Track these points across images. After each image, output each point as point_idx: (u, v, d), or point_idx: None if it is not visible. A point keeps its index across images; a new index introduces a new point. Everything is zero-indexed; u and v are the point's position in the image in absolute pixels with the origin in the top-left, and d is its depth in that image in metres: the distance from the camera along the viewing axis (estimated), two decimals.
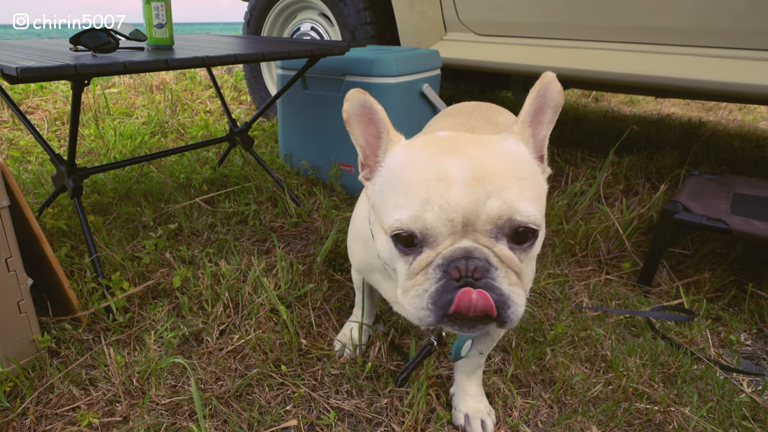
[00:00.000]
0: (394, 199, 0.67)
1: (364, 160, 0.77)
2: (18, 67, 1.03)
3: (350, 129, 0.75)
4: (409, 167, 0.68)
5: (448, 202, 0.62)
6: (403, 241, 0.66)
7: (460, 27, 2.46)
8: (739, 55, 1.77)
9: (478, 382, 1.07)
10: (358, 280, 1.17)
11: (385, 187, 0.71)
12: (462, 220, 0.63)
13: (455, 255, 0.63)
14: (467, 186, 0.62)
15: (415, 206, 0.64)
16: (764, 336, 1.38)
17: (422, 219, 0.63)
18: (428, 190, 0.64)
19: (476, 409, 1.04)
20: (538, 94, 0.71)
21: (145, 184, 2.09)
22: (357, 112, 0.74)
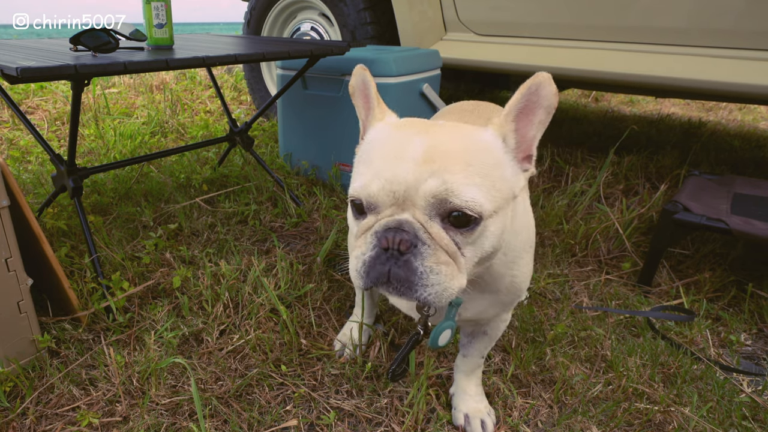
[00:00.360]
0: (358, 170, 0.74)
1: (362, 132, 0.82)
2: (18, 67, 1.03)
3: (354, 102, 0.80)
4: (379, 142, 0.73)
5: (394, 176, 0.66)
6: (356, 207, 0.72)
7: (460, 27, 2.46)
8: (739, 55, 1.77)
9: (478, 382, 1.08)
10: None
11: (361, 158, 0.76)
12: (403, 194, 0.66)
13: (389, 225, 0.67)
14: (416, 164, 0.66)
15: (367, 177, 0.69)
16: (764, 336, 1.38)
17: (368, 188, 0.68)
18: (382, 164, 0.69)
19: (476, 409, 1.04)
20: (528, 92, 0.69)
21: (145, 184, 2.09)
22: (360, 86, 0.80)
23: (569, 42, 2.15)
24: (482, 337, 1.01)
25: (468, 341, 1.03)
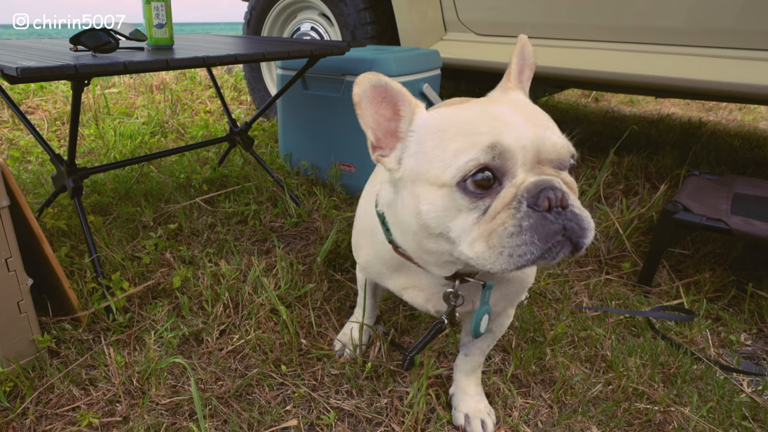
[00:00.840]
0: (446, 149, 0.65)
1: (376, 141, 0.75)
2: (18, 67, 1.03)
3: (360, 111, 0.73)
4: (455, 119, 0.68)
5: (516, 133, 0.63)
6: (479, 183, 0.63)
7: (460, 27, 2.46)
8: (739, 55, 1.77)
9: (477, 382, 1.08)
10: (362, 278, 1.16)
11: (426, 146, 0.69)
12: (532, 150, 0.63)
13: (541, 185, 0.62)
14: (524, 123, 0.64)
15: (485, 141, 0.62)
16: (764, 336, 1.38)
17: (499, 146, 0.62)
18: (492, 126, 0.63)
19: (476, 409, 1.04)
20: (521, 54, 0.79)
21: (145, 184, 2.09)
22: (368, 94, 0.72)
23: (569, 42, 2.15)
24: (486, 334, 1.00)
25: (470, 339, 1.03)
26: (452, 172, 0.64)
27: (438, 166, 0.66)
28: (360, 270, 1.14)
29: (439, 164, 0.66)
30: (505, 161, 0.62)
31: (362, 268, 1.05)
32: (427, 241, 0.71)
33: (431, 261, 0.76)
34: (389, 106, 0.73)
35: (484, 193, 0.64)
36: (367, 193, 0.98)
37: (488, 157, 0.62)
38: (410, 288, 0.90)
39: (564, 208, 0.62)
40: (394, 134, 0.74)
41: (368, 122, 0.74)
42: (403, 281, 0.91)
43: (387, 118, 0.74)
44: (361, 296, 1.20)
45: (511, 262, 0.62)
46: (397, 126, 0.74)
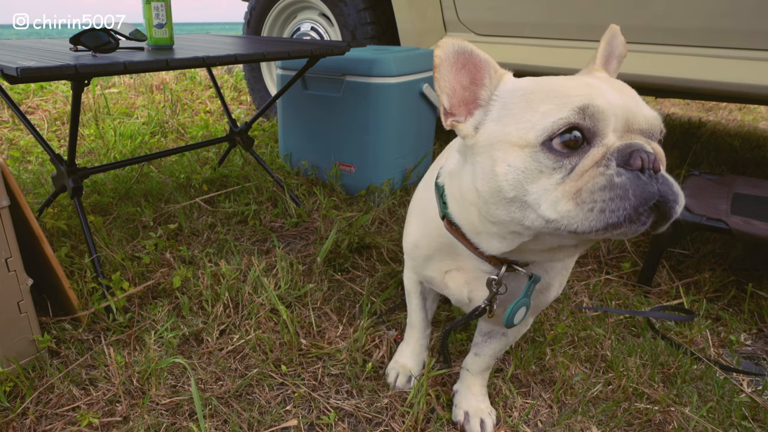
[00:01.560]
0: (534, 110, 0.63)
1: (450, 107, 0.72)
2: (18, 67, 1.03)
3: (438, 75, 0.70)
4: (545, 84, 0.66)
5: (609, 99, 0.61)
6: (567, 143, 0.60)
7: (460, 27, 2.46)
8: (740, 55, 1.77)
9: (484, 383, 1.07)
10: (412, 281, 1.07)
11: (514, 107, 0.66)
12: (623, 117, 0.61)
13: (633, 147, 0.59)
14: (617, 92, 0.62)
15: (576, 102, 0.60)
16: (764, 336, 1.38)
17: (592, 106, 0.60)
18: (584, 91, 0.62)
19: (477, 408, 1.04)
20: (608, 41, 0.75)
21: (145, 184, 2.09)
22: (450, 59, 0.69)
23: (569, 42, 2.15)
24: (500, 338, 0.99)
25: (483, 341, 1.02)
26: (538, 131, 0.61)
27: (523, 127, 0.63)
28: (407, 266, 1.06)
29: (525, 125, 0.63)
30: (596, 123, 0.60)
31: (408, 253, 0.99)
32: (496, 208, 0.67)
33: (494, 232, 0.72)
34: (468, 73, 0.71)
35: (571, 152, 0.61)
36: (430, 171, 0.97)
37: (579, 117, 0.60)
38: (453, 270, 0.88)
39: (656, 172, 0.59)
40: (470, 101, 0.72)
41: (444, 87, 0.71)
42: (447, 263, 0.89)
43: (464, 85, 0.71)
44: (413, 306, 1.11)
45: (601, 219, 0.58)
46: (475, 93, 0.71)
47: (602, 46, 0.76)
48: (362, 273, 1.58)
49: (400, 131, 2.07)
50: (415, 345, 1.15)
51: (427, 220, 0.89)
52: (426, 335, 1.16)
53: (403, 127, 2.09)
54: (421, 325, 1.13)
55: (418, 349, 1.16)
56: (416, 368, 1.15)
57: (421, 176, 2.53)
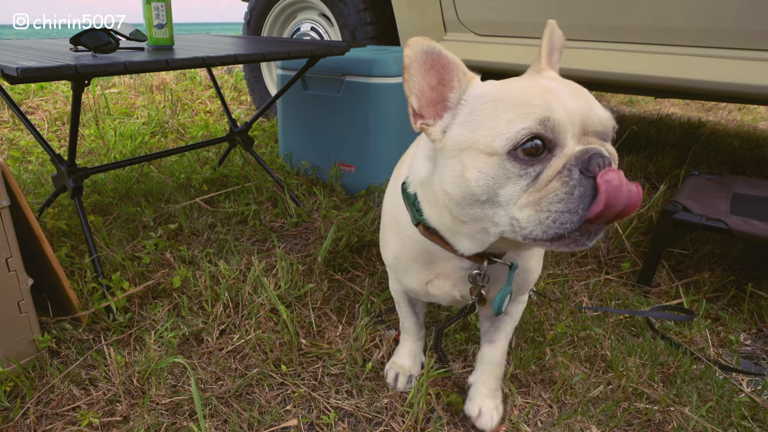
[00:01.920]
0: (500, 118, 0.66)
1: (419, 109, 0.74)
2: (18, 67, 1.03)
3: (408, 76, 0.72)
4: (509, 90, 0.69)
5: (566, 105, 0.65)
6: (530, 151, 0.64)
7: (460, 27, 2.46)
8: (739, 55, 1.77)
9: (499, 376, 1.09)
10: (398, 291, 1.09)
11: (480, 114, 0.69)
12: (579, 122, 0.65)
13: (590, 152, 0.63)
14: (573, 96, 0.66)
15: (538, 112, 0.64)
16: (763, 336, 1.39)
17: (552, 119, 0.64)
18: (544, 99, 0.65)
19: (492, 406, 1.07)
20: (550, 38, 0.82)
21: (146, 184, 2.09)
22: (419, 58, 0.71)
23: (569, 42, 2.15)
24: (505, 318, 1.03)
25: (490, 325, 1.05)
26: (504, 140, 0.65)
27: (490, 135, 0.66)
28: (391, 278, 1.09)
29: (491, 133, 0.66)
30: (556, 133, 0.64)
31: (389, 265, 1.02)
32: (469, 209, 0.71)
33: (465, 232, 0.76)
34: (437, 74, 0.72)
35: (534, 160, 0.65)
36: (392, 184, 0.99)
37: (540, 127, 0.63)
38: (435, 278, 0.91)
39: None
40: (437, 102, 0.73)
41: (413, 88, 0.73)
42: (428, 273, 0.91)
43: (432, 86, 0.73)
44: (403, 312, 1.13)
45: (552, 229, 0.64)
46: (443, 94, 0.73)
47: (544, 43, 0.82)
48: (362, 273, 1.58)
49: (400, 131, 2.07)
50: (411, 346, 1.17)
51: (401, 230, 0.91)
52: (421, 337, 1.18)
53: (403, 127, 2.09)
54: (414, 328, 1.15)
55: (415, 350, 1.17)
56: (415, 368, 1.16)
57: None
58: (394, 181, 0.98)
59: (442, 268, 0.90)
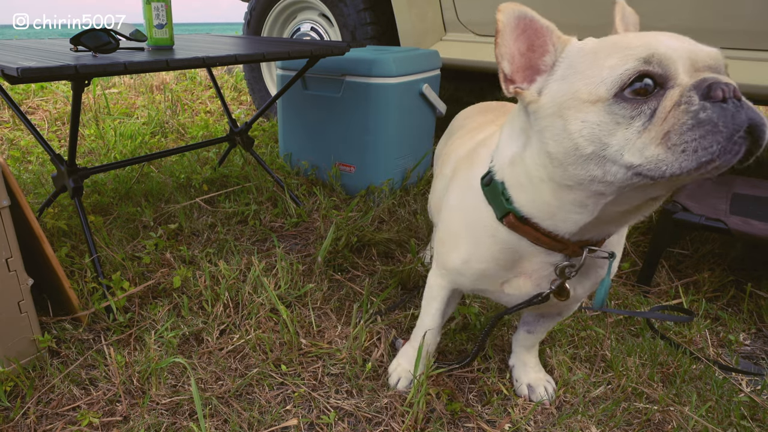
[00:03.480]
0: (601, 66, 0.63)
1: (511, 73, 0.72)
2: (18, 67, 1.03)
3: (500, 40, 0.70)
4: (607, 40, 0.66)
5: (669, 44, 0.61)
6: (638, 91, 0.60)
7: (460, 27, 2.47)
8: (739, 56, 1.77)
9: (536, 354, 1.16)
10: (442, 287, 1.02)
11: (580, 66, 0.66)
12: (688, 58, 0.61)
13: (709, 80, 0.57)
14: (674, 38, 0.63)
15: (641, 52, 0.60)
16: (763, 336, 1.39)
17: (657, 54, 0.59)
18: (644, 41, 0.62)
19: (537, 378, 1.13)
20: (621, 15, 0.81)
21: (146, 184, 2.10)
22: (512, 23, 0.69)
23: None
24: (554, 317, 1.05)
25: (535, 319, 1.07)
26: (608, 84, 0.61)
27: (592, 82, 0.63)
28: (438, 275, 1.02)
29: (593, 80, 0.63)
30: (665, 67, 0.59)
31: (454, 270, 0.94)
32: (574, 168, 0.66)
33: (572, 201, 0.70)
34: (528, 38, 0.71)
35: (646, 99, 0.60)
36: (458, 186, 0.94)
37: (647, 64, 0.59)
38: (514, 278, 0.86)
39: (738, 100, 0.57)
40: (530, 67, 0.71)
41: (505, 53, 0.71)
42: (503, 274, 0.86)
43: (521, 51, 0.71)
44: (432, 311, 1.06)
45: (694, 158, 0.57)
46: (536, 59, 0.71)
47: (617, 19, 0.80)
48: (362, 273, 1.59)
49: (400, 131, 2.07)
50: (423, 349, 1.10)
51: (478, 231, 0.85)
52: (436, 341, 1.13)
53: (403, 127, 2.09)
54: (435, 331, 1.10)
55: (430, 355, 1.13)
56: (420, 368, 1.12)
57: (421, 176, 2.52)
58: (459, 181, 0.93)
59: (525, 266, 0.84)
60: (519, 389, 1.14)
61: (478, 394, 1.14)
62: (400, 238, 1.74)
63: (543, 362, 1.21)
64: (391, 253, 1.68)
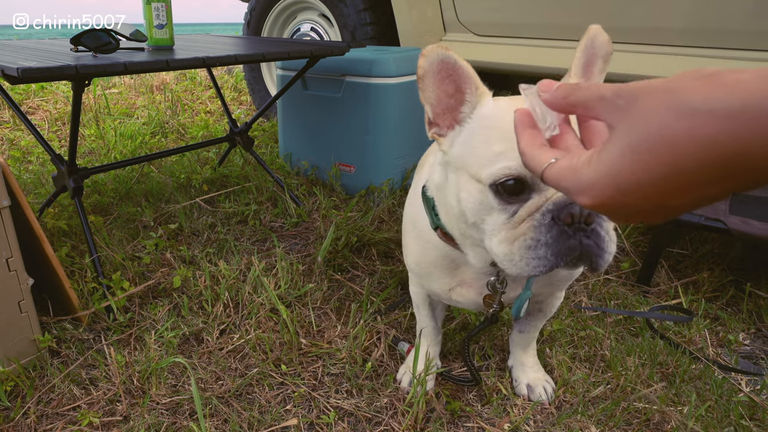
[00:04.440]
0: (491, 148, 0.66)
1: (434, 117, 0.74)
2: (19, 67, 1.03)
3: (422, 85, 0.72)
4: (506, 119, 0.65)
5: None
6: (509, 189, 0.65)
7: (460, 27, 2.47)
8: (739, 56, 1.77)
9: (533, 354, 1.15)
10: (419, 294, 1.07)
11: (476, 138, 0.69)
12: None
13: (568, 200, 0.62)
14: None
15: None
16: (762, 336, 1.39)
17: None
18: None
19: (536, 378, 1.13)
20: (586, 47, 0.72)
21: (146, 184, 2.10)
22: (434, 68, 0.70)
23: (568, 42, 2.16)
24: (537, 314, 1.06)
25: (524, 319, 1.08)
26: (487, 174, 0.65)
27: (478, 163, 0.67)
28: (412, 281, 1.08)
29: (480, 161, 0.67)
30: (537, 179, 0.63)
31: (411, 270, 1.00)
32: (465, 227, 0.74)
33: (470, 243, 0.78)
34: (452, 83, 0.71)
35: (514, 199, 0.65)
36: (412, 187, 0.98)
37: (522, 170, 0.62)
38: (457, 286, 0.90)
39: (588, 224, 0.63)
40: (451, 112, 0.73)
41: (429, 97, 0.72)
42: (450, 280, 0.90)
43: (448, 95, 0.72)
44: (422, 316, 1.11)
45: (526, 270, 0.65)
46: (458, 106, 0.72)
47: (578, 53, 0.73)
48: (362, 273, 1.59)
49: (399, 131, 2.07)
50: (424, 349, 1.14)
51: (421, 235, 0.90)
52: (437, 342, 1.17)
53: (403, 127, 2.09)
54: (432, 333, 1.14)
55: (431, 354, 1.15)
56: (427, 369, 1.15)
57: None
58: (414, 184, 0.98)
59: (464, 275, 0.88)
60: (518, 389, 1.14)
61: (478, 393, 1.14)
62: (400, 238, 1.74)
63: (543, 362, 1.21)
64: (391, 253, 1.68)
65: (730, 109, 0.32)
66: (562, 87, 0.46)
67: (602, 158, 0.39)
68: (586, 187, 0.41)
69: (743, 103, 0.32)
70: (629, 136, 0.37)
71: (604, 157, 0.39)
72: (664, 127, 0.35)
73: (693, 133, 0.33)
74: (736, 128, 0.32)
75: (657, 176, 0.36)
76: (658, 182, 0.36)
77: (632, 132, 0.37)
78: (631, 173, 0.37)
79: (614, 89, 0.40)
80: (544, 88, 0.47)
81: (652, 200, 0.38)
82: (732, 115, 0.32)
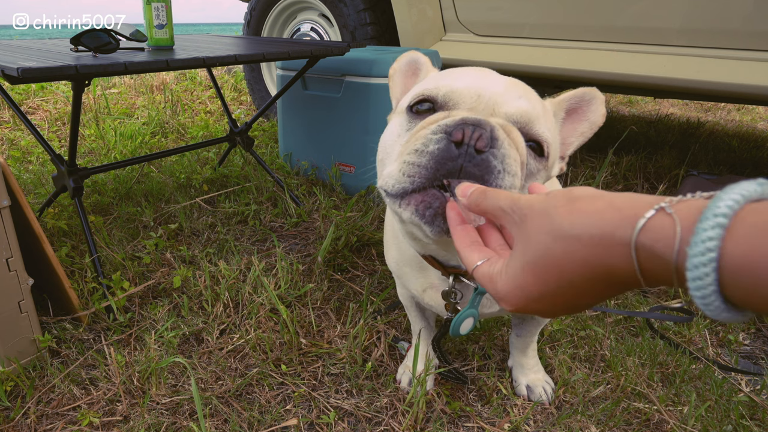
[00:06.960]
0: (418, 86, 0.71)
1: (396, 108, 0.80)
2: (19, 67, 1.03)
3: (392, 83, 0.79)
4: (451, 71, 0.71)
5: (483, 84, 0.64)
6: (419, 111, 0.66)
7: (460, 27, 2.47)
8: (739, 56, 1.77)
9: (533, 355, 1.15)
10: (404, 295, 1.08)
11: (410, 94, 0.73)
12: (488, 100, 0.62)
13: (466, 120, 0.57)
14: (504, 83, 0.65)
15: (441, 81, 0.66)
16: (762, 336, 1.39)
17: (447, 86, 0.64)
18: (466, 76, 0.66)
19: (535, 379, 1.14)
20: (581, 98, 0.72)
21: (146, 184, 2.10)
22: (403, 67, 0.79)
23: (568, 42, 2.16)
24: (531, 320, 1.06)
25: (519, 322, 1.08)
26: (406, 101, 0.70)
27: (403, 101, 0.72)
28: (396, 282, 1.09)
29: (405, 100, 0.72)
30: (448, 100, 0.64)
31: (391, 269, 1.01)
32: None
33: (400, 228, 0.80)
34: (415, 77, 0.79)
35: (421, 117, 0.65)
36: None
37: (434, 92, 0.65)
38: (428, 288, 0.90)
39: (479, 152, 0.56)
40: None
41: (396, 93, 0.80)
42: (422, 281, 0.91)
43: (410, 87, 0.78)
44: (412, 316, 1.12)
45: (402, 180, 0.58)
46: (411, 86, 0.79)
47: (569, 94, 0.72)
48: (362, 273, 1.59)
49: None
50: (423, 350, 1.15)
51: (396, 234, 0.91)
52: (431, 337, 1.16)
53: None
54: (426, 332, 1.13)
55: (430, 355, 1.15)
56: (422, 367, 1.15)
57: None
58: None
59: (431, 277, 0.88)
60: (518, 389, 1.14)
61: (478, 393, 1.14)
62: None
63: (543, 362, 1.21)
64: None
65: (592, 237, 0.37)
66: (474, 193, 0.50)
67: (509, 272, 0.44)
68: (503, 296, 0.45)
69: (602, 231, 0.37)
70: (524, 256, 0.43)
71: (510, 272, 0.44)
72: (546, 249, 0.40)
73: (569, 256, 0.39)
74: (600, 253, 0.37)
75: (555, 288, 0.41)
76: (558, 292, 0.41)
77: (526, 252, 0.42)
78: (534, 285, 0.42)
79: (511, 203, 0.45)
80: (461, 193, 0.52)
81: (561, 304, 0.43)
82: (594, 243, 0.37)
